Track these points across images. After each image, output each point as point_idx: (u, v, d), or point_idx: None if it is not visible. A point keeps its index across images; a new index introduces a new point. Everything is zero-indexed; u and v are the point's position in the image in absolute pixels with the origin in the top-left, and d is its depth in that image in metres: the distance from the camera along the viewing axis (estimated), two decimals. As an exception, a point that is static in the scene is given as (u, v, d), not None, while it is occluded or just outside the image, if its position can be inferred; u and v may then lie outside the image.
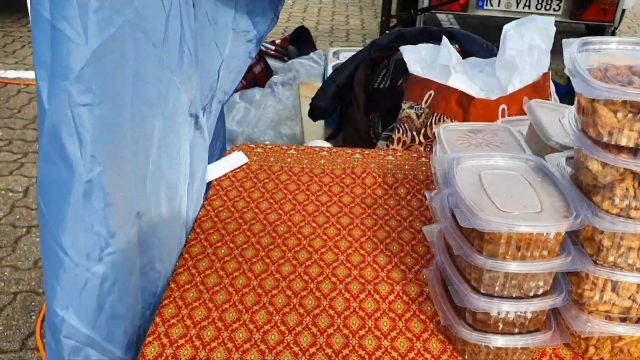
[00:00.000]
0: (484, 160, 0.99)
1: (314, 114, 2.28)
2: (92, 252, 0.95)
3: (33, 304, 2.50)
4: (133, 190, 0.98)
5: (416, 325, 1.03)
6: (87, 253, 0.94)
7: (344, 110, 2.29)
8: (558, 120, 1.18)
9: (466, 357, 0.97)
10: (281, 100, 2.89)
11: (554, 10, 5.19)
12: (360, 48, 3.90)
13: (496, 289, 0.90)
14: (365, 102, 2.16)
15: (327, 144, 2.07)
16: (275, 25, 1.33)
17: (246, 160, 1.46)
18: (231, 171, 1.44)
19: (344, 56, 2.83)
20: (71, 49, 0.84)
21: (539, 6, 5.18)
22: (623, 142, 0.81)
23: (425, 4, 5.10)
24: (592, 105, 0.82)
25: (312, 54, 3.07)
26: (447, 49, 1.73)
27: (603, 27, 5.25)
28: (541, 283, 0.90)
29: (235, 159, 1.45)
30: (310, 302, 1.07)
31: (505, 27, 1.71)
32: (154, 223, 1.05)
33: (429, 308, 1.07)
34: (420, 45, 1.82)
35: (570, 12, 5.16)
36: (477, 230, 0.87)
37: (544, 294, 0.92)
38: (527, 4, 5.16)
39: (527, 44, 1.69)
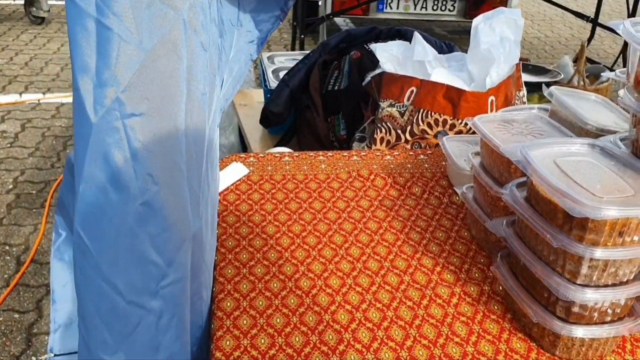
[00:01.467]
0: (550, 147, 0.96)
1: (268, 120, 2.18)
2: (147, 286, 0.82)
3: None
4: (188, 209, 0.86)
5: (492, 326, 0.98)
6: (141, 287, 0.82)
7: (298, 115, 2.21)
8: (582, 104, 1.18)
9: (557, 352, 0.93)
10: (214, 110, 2.77)
11: (449, 10, 5.40)
12: (289, 52, 3.83)
13: (594, 278, 0.87)
14: (323, 106, 2.09)
15: (289, 150, 1.98)
16: (280, 23, 1.23)
17: (247, 170, 1.35)
18: (233, 184, 1.32)
19: (280, 61, 2.75)
20: (123, 51, 0.72)
21: (435, 7, 5.36)
22: None
23: (328, 10, 5.12)
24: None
25: (241, 61, 2.95)
26: (421, 45, 1.71)
27: (495, 25, 5.52)
28: (635, 268, 0.89)
29: (237, 170, 1.33)
30: (375, 315, 0.99)
31: (475, 21, 1.71)
32: (204, 245, 0.93)
33: (496, 307, 1.02)
34: (390, 42, 1.78)
35: (465, 12, 5.39)
36: (574, 218, 0.83)
37: (634, 280, 0.90)
38: (424, 5, 5.33)
39: (498, 36, 1.70)
